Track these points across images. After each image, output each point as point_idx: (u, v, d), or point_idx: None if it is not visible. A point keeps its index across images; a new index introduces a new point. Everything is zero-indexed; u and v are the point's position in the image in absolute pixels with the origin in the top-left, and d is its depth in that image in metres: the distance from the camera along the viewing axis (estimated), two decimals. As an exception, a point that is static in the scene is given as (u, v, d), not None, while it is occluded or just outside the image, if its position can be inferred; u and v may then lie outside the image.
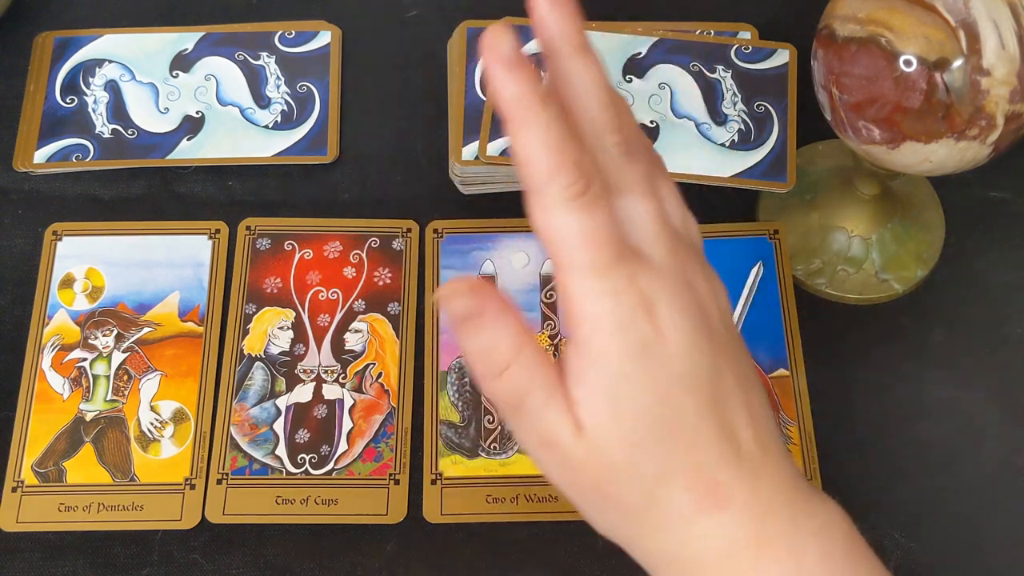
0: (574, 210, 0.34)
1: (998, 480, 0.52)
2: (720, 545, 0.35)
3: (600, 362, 0.35)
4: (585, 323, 0.35)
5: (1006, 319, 0.56)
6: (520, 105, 0.34)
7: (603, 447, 0.35)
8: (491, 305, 0.36)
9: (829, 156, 0.59)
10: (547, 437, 0.36)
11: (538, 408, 0.35)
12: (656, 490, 0.35)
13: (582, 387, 0.35)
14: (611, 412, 0.35)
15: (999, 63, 0.42)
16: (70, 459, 0.52)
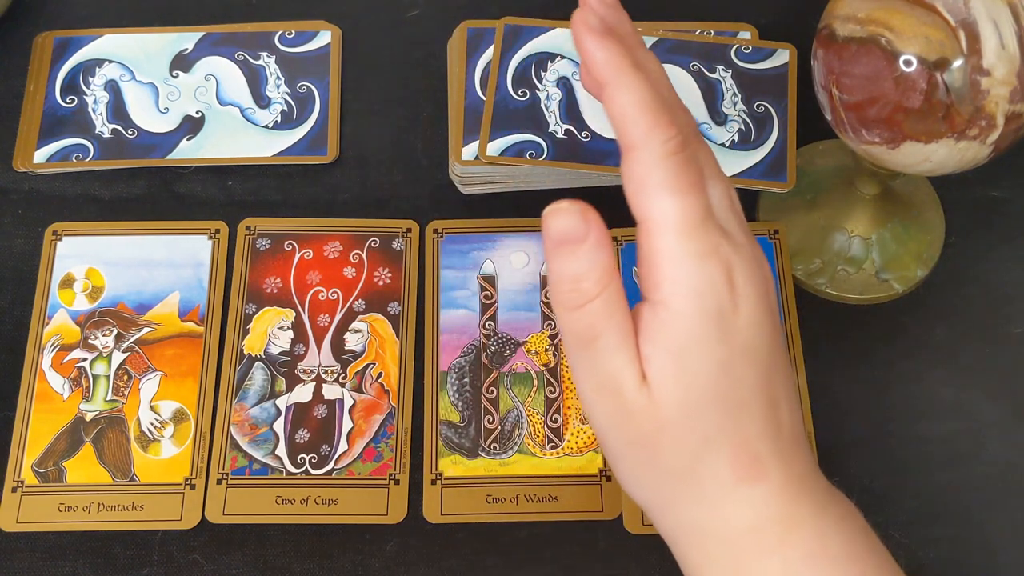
0: (673, 165, 0.35)
1: (999, 479, 0.52)
2: (750, 519, 0.36)
3: (676, 322, 0.36)
4: (666, 282, 0.36)
5: (1007, 319, 0.56)
6: (615, 68, 0.36)
7: (662, 403, 0.36)
8: (595, 233, 0.36)
9: (829, 156, 0.59)
10: (609, 381, 0.36)
11: (609, 349, 0.36)
12: (702, 454, 0.36)
13: (653, 344, 0.36)
14: (677, 372, 0.36)
15: (999, 63, 0.42)
16: (70, 459, 0.52)
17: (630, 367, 0.36)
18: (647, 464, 0.37)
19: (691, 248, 0.35)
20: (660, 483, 0.38)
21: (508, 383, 0.54)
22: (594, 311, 0.36)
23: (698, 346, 0.36)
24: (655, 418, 0.36)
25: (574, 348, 0.37)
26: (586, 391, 0.37)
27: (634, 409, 0.36)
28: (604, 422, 0.37)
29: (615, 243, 0.57)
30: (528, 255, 0.57)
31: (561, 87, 0.59)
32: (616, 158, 0.57)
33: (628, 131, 0.36)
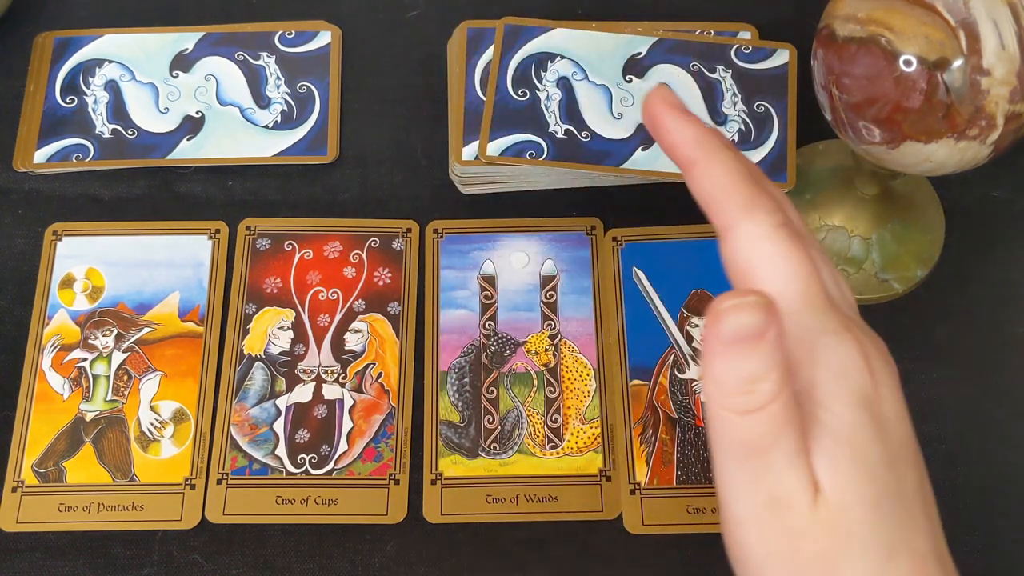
0: (784, 238, 0.32)
1: (999, 480, 0.52)
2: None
3: (833, 414, 0.31)
4: (805, 366, 0.31)
5: (1007, 319, 0.56)
6: (704, 144, 0.34)
7: (842, 511, 0.31)
8: (774, 329, 0.30)
9: (829, 156, 0.59)
10: (779, 497, 0.31)
11: (784, 460, 0.31)
12: (885, 568, 0.32)
13: (816, 440, 0.31)
14: (851, 467, 0.31)
15: (999, 63, 0.42)
16: (70, 459, 0.52)
17: (803, 480, 0.31)
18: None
19: (822, 325, 0.32)
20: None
21: (508, 383, 0.54)
22: (771, 417, 0.30)
23: (864, 440, 0.31)
24: (834, 534, 0.31)
25: (737, 459, 0.32)
26: (743, 511, 0.32)
27: (806, 527, 0.31)
28: (766, 549, 0.32)
29: (615, 243, 0.57)
30: (528, 255, 0.57)
31: (561, 87, 0.59)
32: (615, 158, 0.57)
33: (726, 207, 0.32)
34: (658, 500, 0.51)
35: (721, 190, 0.33)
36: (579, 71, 0.60)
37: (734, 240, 0.33)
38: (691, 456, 0.52)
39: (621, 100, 0.59)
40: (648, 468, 0.52)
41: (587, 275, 0.56)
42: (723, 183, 0.33)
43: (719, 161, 0.33)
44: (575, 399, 0.53)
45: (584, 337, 0.55)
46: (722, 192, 0.33)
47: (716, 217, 0.33)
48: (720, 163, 0.33)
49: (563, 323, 0.55)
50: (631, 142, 0.58)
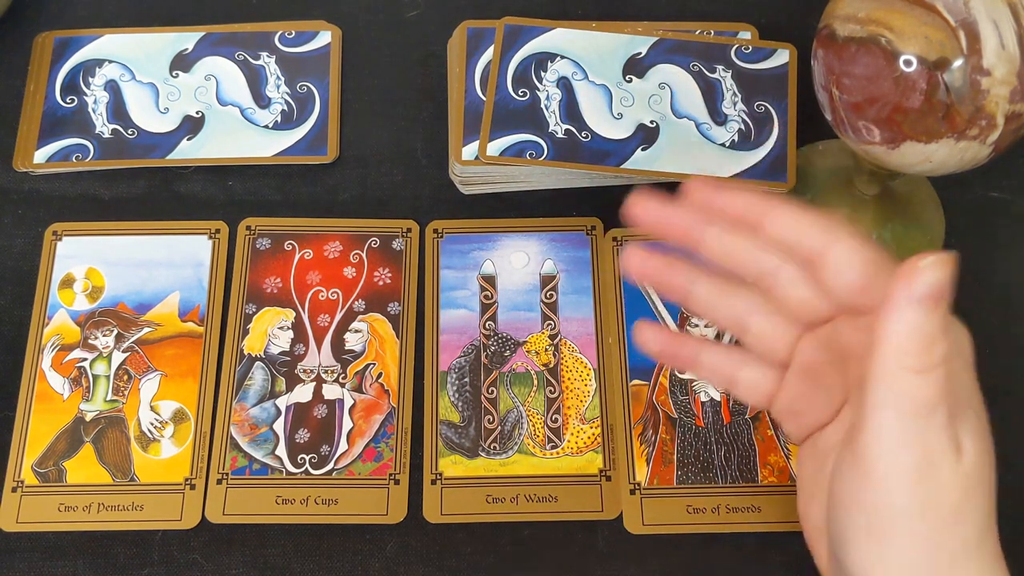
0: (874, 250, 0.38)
1: (998, 480, 0.52)
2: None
3: (967, 389, 0.38)
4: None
5: (1007, 319, 0.56)
6: (760, 201, 0.40)
7: (974, 472, 0.37)
8: (948, 296, 0.35)
9: (829, 156, 0.59)
10: (937, 455, 0.36)
11: (941, 421, 0.36)
12: (990, 523, 0.38)
13: (962, 411, 0.37)
14: (984, 438, 0.38)
15: (999, 63, 0.42)
16: (70, 459, 0.52)
17: (953, 442, 0.36)
18: (943, 541, 0.37)
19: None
20: (949, 561, 0.37)
21: (508, 383, 0.54)
22: (940, 378, 0.35)
23: (984, 419, 0.38)
24: (964, 486, 0.37)
25: (904, 416, 0.35)
26: (899, 467, 0.36)
27: (947, 483, 0.36)
28: (913, 503, 0.36)
29: (615, 243, 0.57)
30: (528, 255, 0.57)
31: (561, 87, 0.59)
32: (615, 158, 0.57)
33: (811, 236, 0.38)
34: (658, 500, 0.51)
35: (798, 227, 0.39)
36: (579, 71, 0.60)
37: (835, 257, 0.38)
38: (691, 456, 0.52)
39: (621, 100, 0.59)
40: (648, 468, 0.52)
41: (587, 275, 0.56)
42: (798, 221, 0.39)
43: (783, 207, 0.39)
44: (575, 399, 0.53)
45: (584, 337, 0.55)
46: (802, 227, 0.39)
47: (803, 247, 0.39)
48: (783, 209, 0.39)
49: (563, 323, 0.55)
50: (631, 142, 0.58)
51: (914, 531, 0.37)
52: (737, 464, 0.52)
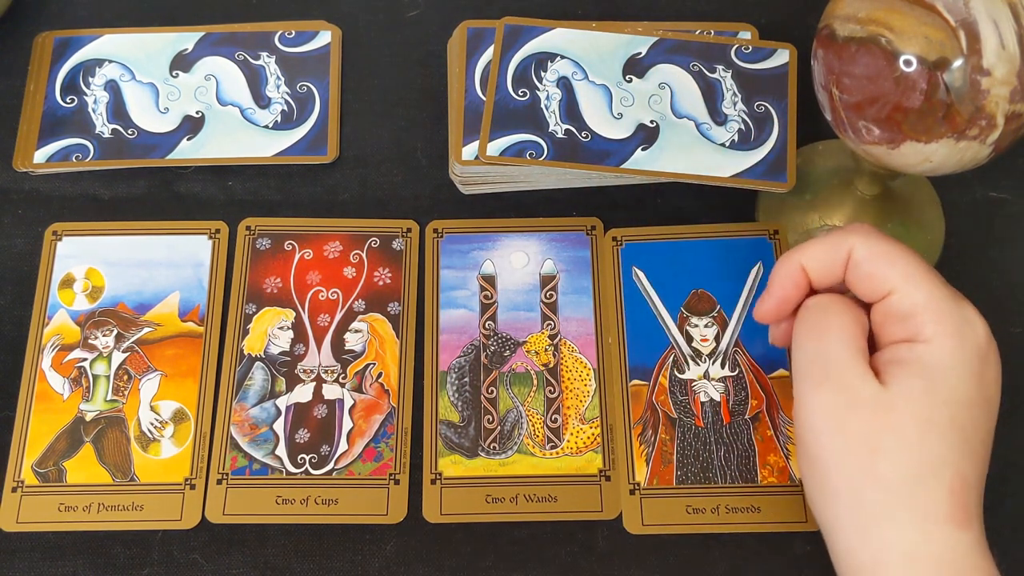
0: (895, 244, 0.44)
1: (998, 481, 0.52)
2: (956, 561, 0.37)
3: (935, 352, 0.39)
4: (927, 323, 0.40)
5: (1007, 319, 0.56)
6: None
7: (898, 407, 0.38)
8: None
9: (829, 156, 0.59)
10: (838, 371, 0.40)
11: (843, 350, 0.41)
12: (925, 476, 0.38)
13: (906, 367, 0.39)
14: (926, 389, 0.38)
15: (999, 63, 0.42)
16: (70, 459, 0.52)
17: (862, 362, 0.40)
18: (861, 470, 0.38)
19: (947, 293, 0.40)
20: (865, 494, 0.38)
21: (508, 383, 0.54)
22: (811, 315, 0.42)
23: (953, 376, 0.38)
24: (885, 417, 0.38)
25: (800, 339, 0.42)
26: (806, 385, 0.40)
27: (862, 399, 0.38)
28: (821, 419, 0.39)
29: (615, 243, 0.57)
30: (528, 255, 0.57)
31: (561, 87, 0.59)
32: (615, 158, 0.57)
33: (833, 256, 0.43)
34: (658, 500, 0.51)
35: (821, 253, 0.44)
36: (579, 71, 0.60)
37: (852, 264, 0.43)
38: (690, 456, 0.52)
39: (621, 100, 0.59)
40: (648, 468, 0.52)
41: (587, 275, 0.56)
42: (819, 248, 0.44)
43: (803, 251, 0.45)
44: (575, 399, 0.53)
45: (584, 337, 0.55)
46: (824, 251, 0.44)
47: (834, 269, 0.44)
48: (805, 250, 0.45)
49: (563, 323, 0.55)
50: (631, 142, 0.58)
51: (832, 461, 0.39)
52: (737, 464, 0.52)
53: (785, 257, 0.44)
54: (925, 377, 0.39)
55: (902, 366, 0.39)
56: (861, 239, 0.42)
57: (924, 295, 0.40)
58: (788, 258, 0.44)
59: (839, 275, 0.43)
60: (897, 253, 0.42)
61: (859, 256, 0.42)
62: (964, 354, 0.39)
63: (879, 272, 0.41)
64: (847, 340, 0.41)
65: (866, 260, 0.42)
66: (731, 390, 0.53)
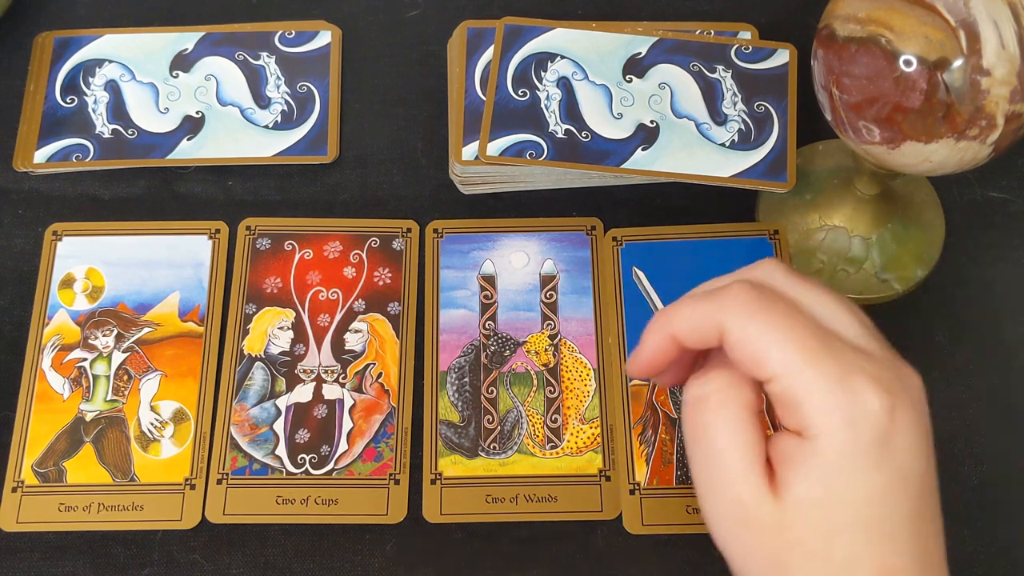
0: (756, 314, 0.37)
1: (998, 478, 0.52)
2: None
3: (826, 452, 0.35)
4: (814, 414, 0.35)
5: (1006, 319, 0.56)
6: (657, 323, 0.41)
7: (795, 523, 0.35)
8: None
9: (829, 156, 0.59)
10: (729, 487, 0.36)
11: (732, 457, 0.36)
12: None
13: (795, 470, 0.35)
14: (821, 497, 0.35)
15: (999, 63, 0.42)
16: (70, 459, 0.52)
17: (756, 473, 0.36)
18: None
19: (833, 373, 0.35)
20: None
21: (508, 383, 0.54)
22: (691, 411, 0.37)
23: (850, 474, 0.34)
24: (785, 536, 0.35)
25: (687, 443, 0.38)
26: (704, 493, 0.37)
27: (760, 521, 0.36)
28: (725, 531, 0.37)
29: (615, 243, 0.57)
30: (528, 255, 0.57)
31: (561, 87, 0.59)
32: (615, 158, 0.57)
33: (705, 332, 0.38)
34: (658, 500, 0.51)
35: (692, 325, 0.38)
36: (579, 71, 0.60)
37: (730, 345, 0.37)
38: (691, 456, 0.52)
39: (621, 100, 0.59)
40: (648, 468, 0.52)
41: (587, 275, 0.56)
42: (689, 321, 0.38)
43: (671, 316, 0.39)
44: (575, 399, 0.53)
45: (584, 337, 0.55)
46: (693, 325, 0.38)
47: (708, 343, 0.38)
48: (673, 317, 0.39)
49: (563, 323, 0.55)
50: (631, 142, 0.58)
51: (746, 568, 0.37)
52: (737, 464, 0.52)
53: (656, 321, 0.39)
54: (819, 480, 0.35)
55: (794, 468, 0.35)
56: (733, 317, 0.37)
57: (805, 382, 0.35)
58: (659, 324, 0.39)
59: (714, 343, 0.38)
60: (776, 332, 0.36)
61: (732, 339, 0.37)
62: (859, 444, 0.34)
63: (754, 357, 0.36)
64: (736, 446, 0.36)
65: (739, 344, 0.36)
66: (731, 390, 0.53)
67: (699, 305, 0.38)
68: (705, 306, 0.37)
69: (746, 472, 0.36)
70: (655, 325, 0.39)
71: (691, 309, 0.38)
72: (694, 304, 0.38)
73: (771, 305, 0.36)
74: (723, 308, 0.37)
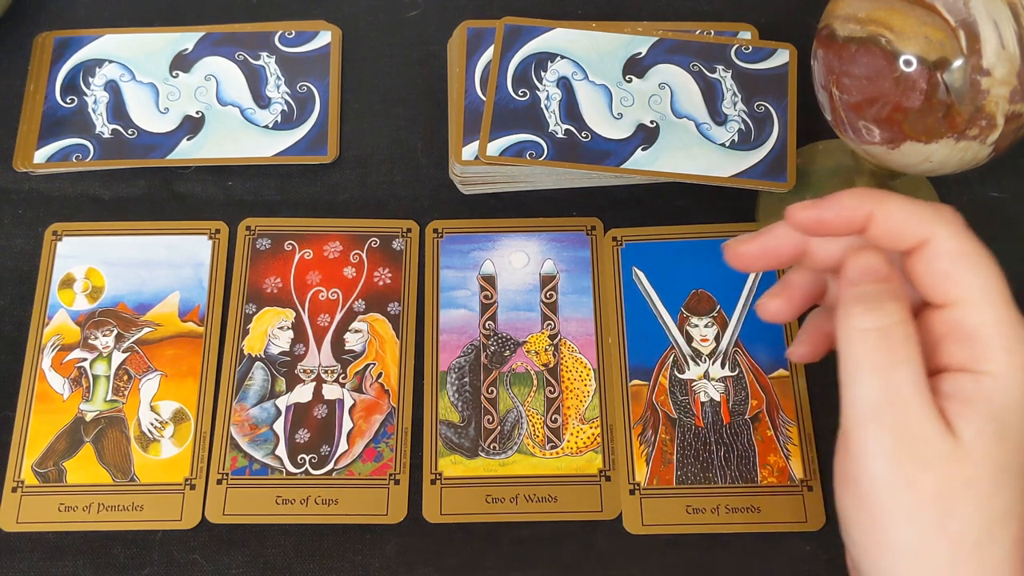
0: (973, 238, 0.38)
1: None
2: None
3: (1005, 387, 0.35)
4: (995, 352, 0.35)
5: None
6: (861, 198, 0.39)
7: (975, 458, 0.34)
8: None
9: (829, 156, 0.59)
10: (909, 427, 0.35)
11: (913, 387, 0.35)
12: (994, 527, 0.35)
13: (972, 406, 0.35)
14: (999, 432, 0.35)
15: (999, 63, 0.42)
16: (70, 459, 0.52)
17: (933, 407, 0.35)
18: (931, 527, 0.35)
19: (1011, 317, 0.36)
20: (933, 552, 0.35)
21: (508, 383, 0.54)
22: (897, 334, 0.36)
23: (1018, 411, 0.35)
24: (960, 471, 0.34)
25: (864, 376, 0.36)
26: (871, 438, 0.35)
27: (937, 453, 0.34)
28: (888, 470, 0.35)
29: (615, 243, 0.57)
30: (528, 255, 0.57)
31: (561, 87, 0.59)
32: (615, 158, 0.57)
33: (913, 228, 0.37)
34: (657, 500, 0.51)
35: (901, 217, 0.37)
36: (579, 71, 0.60)
37: (930, 254, 0.37)
38: (690, 456, 0.52)
39: (621, 100, 0.59)
40: (648, 468, 0.52)
41: (587, 275, 0.56)
42: (901, 209, 0.37)
43: (881, 198, 0.37)
44: (575, 399, 0.54)
45: (584, 337, 0.55)
46: (903, 217, 0.37)
47: (901, 244, 0.37)
48: (883, 197, 0.37)
49: (563, 323, 0.55)
50: (631, 142, 0.58)
51: (898, 515, 0.35)
52: (736, 464, 0.52)
53: (858, 193, 0.38)
54: (996, 419, 0.35)
55: (970, 406, 0.35)
56: (950, 230, 0.36)
57: (995, 316, 0.36)
58: (861, 197, 0.38)
59: (898, 247, 0.38)
60: (983, 260, 0.37)
61: (942, 249, 0.36)
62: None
63: (958, 276, 0.36)
64: (918, 379, 0.35)
65: (949, 257, 0.36)
66: (731, 390, 0.53)
67: (914, 203, 0.37)
68: (921, 207, 0.37)
69: (927, 406, 0.35)
70: (854, 195, 0.38)
71: (906, 202, 0.37)
72: (907, 200, 0.37)
73: (974, 236, 0.37)
74: (941, 217, 0.37)
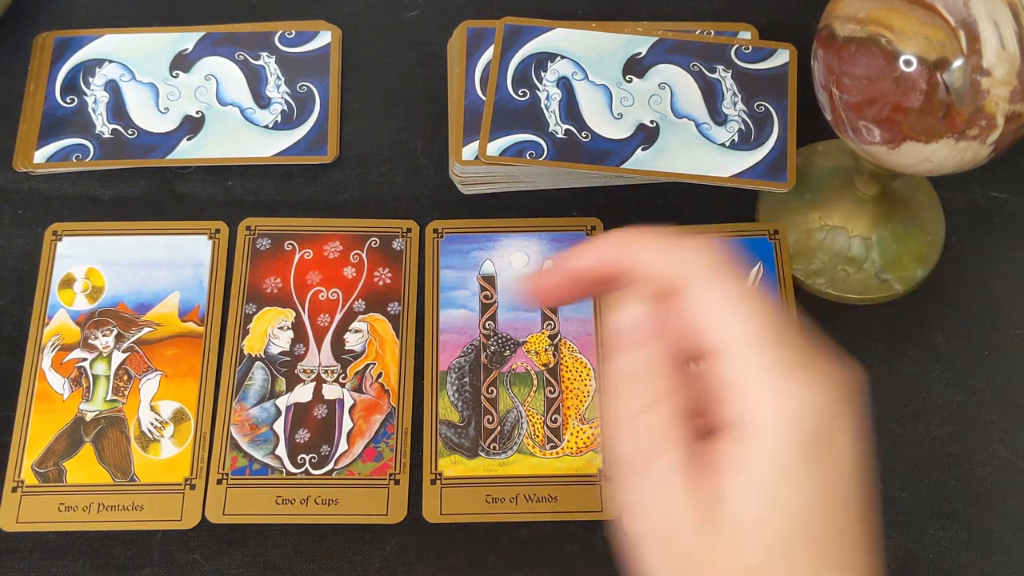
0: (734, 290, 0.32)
1: (997, 480, 0.52)
2: None
3: (767, 452, 0.30)
4: (754, 404, 0.31)
5: (1006, 319, 0.56)
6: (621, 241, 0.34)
7: (743, 548, 0.30)
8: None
9: (829, 156, 0.59)
10: (665, 521, 0.31)
11: (671, 470, 0.31)
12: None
13: (736, 478, 0.31)
14: (767, 511, 0.30)
15: (999, 63, 0.42)
16: (70, 459, 0.52)
17: (687, 504, 0.31)
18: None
19: (777, 360, 0.30)
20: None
21: (508, 383, 0.54)
22: (648, 426, 0.32)
23: (794, 480, 0.30)
24: (729, 566, 0.31)
25: (625, 473, 0.32)
26: (636, 531, 0.32)
27: (695, 554, 0.31)
28: (659, 567, 0.32)
29: (615, 243, 0.57)
30: (528, 255, 0.57)
31: (561, 87, 0.59)
32: (615, 158, 0.57)
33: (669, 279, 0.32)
34: (658, 500, 0.51)
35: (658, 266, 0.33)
36: (579, 71, 0.60)
37: (688, 302, 0.32)
38: (691, 456, 0.52)
39: (621, 100, 0.59)
40: (648, 468, 0.52)
41: (587, 275, 0.56)
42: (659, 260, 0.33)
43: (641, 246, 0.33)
44: (575, 399, 0.54)
45: (584, 337, 0.55)
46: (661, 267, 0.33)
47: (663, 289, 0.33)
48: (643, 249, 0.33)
49: (563, 323, 0.55)
50: (631, 142, 0.58)
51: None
52: (737, 464, 0.52)
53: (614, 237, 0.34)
54: (763, 490, 0.31)
55: (739, 475, 0.31)
56: (700, 270, 0.32)
57: (760, 361, 0.31)
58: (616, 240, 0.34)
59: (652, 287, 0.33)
60: (746, 304, 0.31)
61: (700, 298, 0.32)
62: (800, 445, 0.30)
63: (717, 325, 0.31)
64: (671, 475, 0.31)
65: (707, 305, 0.32)
66: (731, 390, 0.53)
67: (670, 243, 0.33)
68: (677, 249, 0.32)
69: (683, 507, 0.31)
70: (610, 239, 0.34)
71: (662, 241, 0.33)
72: (664, 239, 0.33)
73: (737, 274, 0.32)
74: (696, 259, 0.32)
